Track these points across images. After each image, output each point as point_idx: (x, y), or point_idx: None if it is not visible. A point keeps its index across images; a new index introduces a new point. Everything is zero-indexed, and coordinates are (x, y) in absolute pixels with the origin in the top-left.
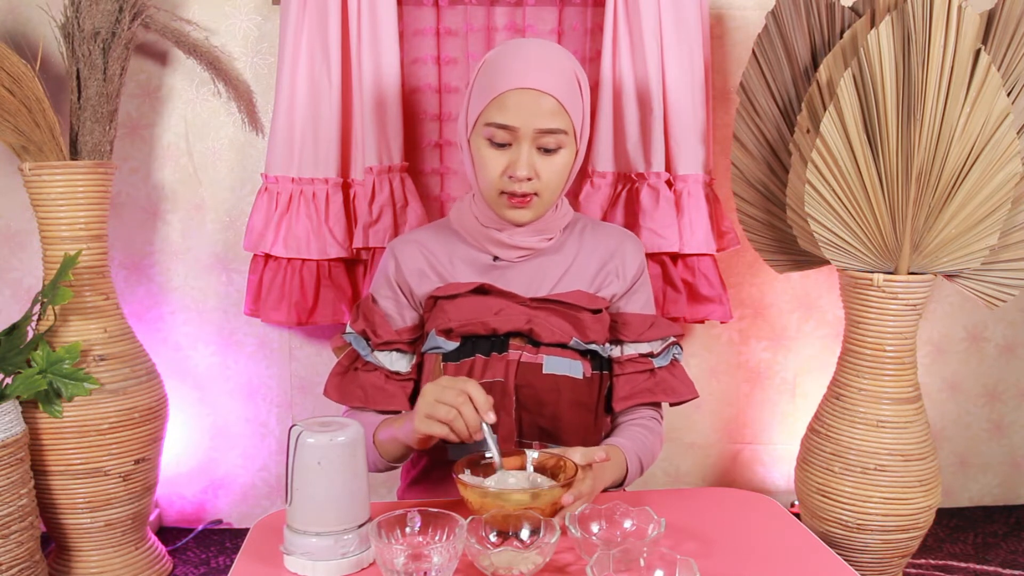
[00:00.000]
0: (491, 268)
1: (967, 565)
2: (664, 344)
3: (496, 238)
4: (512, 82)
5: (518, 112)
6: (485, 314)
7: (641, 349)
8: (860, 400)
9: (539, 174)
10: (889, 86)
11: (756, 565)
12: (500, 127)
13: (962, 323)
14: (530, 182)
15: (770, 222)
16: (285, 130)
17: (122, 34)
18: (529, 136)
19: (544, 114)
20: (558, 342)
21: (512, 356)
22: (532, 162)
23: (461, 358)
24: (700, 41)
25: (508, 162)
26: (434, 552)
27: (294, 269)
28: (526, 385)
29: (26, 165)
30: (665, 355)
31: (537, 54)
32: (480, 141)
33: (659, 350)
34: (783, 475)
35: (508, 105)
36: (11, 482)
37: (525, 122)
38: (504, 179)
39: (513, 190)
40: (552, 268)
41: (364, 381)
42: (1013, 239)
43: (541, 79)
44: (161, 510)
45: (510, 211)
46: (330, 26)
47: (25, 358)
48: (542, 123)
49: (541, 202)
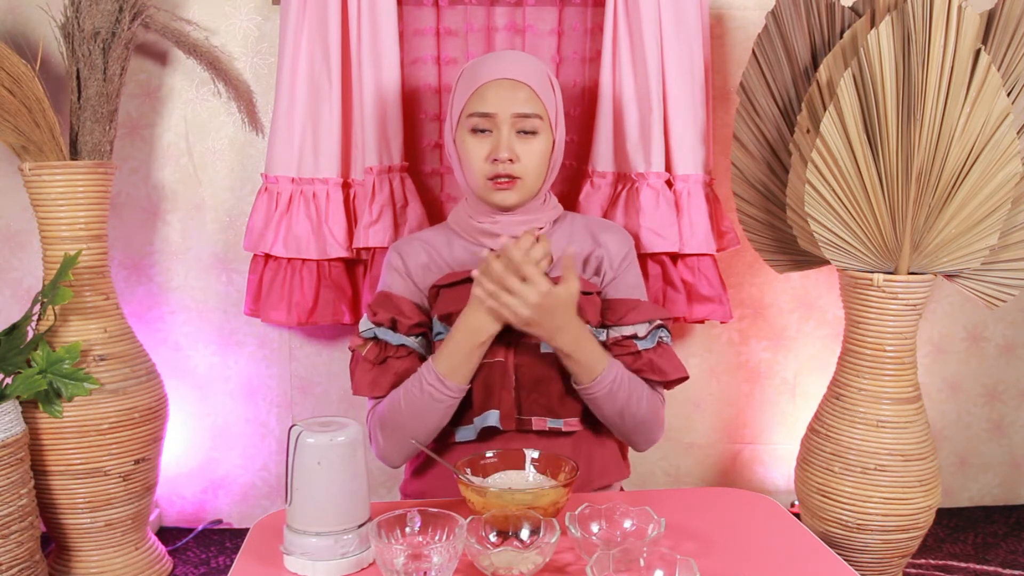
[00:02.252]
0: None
1: (967, 565)
2: (650, 327)
3: (488, 229)
4: (489, 75)
5: (496, 100)
6: None
7: (624, 331)
8: (860, 400)
9: (519, 157)
10: (889, 86)
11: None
12: (481, 115)
13: (962, 323)
14: (512, 164)
15: (770, 222)
16: (285, 130)
17: (122, 34)
18: (508, 120)
19: (520, 100)
20: None
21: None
22: (512, 145)
23: None
24: (700, 41)
25: (491, 147)
26: (434, 552)
27: (294, 269)
28: (525, 364)
29: (26, 165)
30: (651, 337)
31: (511, 54)
32: (464, 134)
33: (644, 333)
34: (783, 475)
35: (487, 95)
36: (11, 482)
37: (503, 108)
38: (488, 164)
39: (497, 172)
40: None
41: (400, 368)
42: (1013, 239)
43: (515, 71)
44: (161, 510)
45: (496, 194)
46: (330, 26)
47: (25, 358)
48: (519, 107)
49: (524, 185)
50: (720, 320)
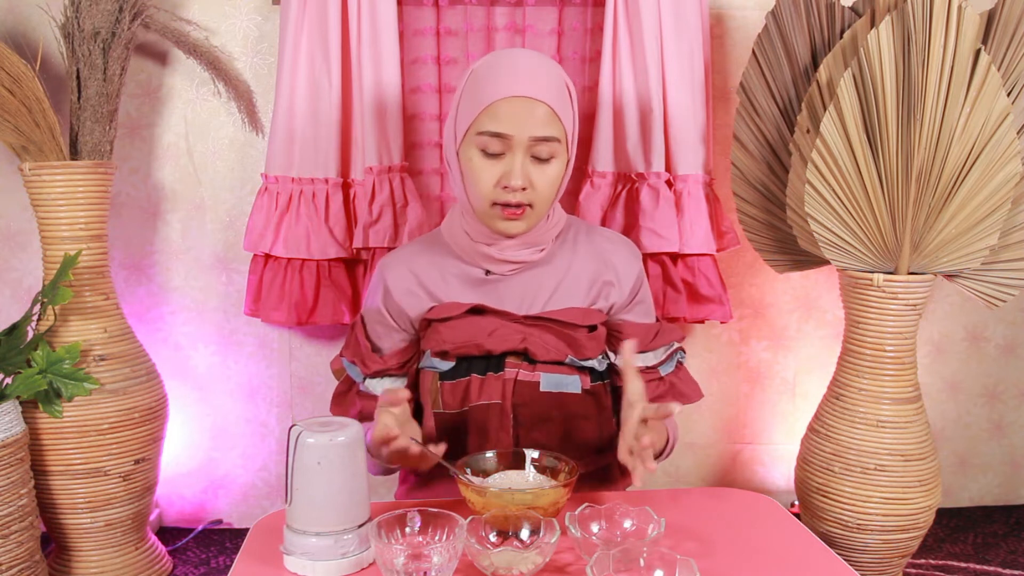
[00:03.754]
0: (483, 283)
1: (967, 565)
2: (668, 350)
3: (487, 253)
4: (504, 90)
5: (512, 120)
6: (479, 335)
7: (648, 361)
8: (860, 400)
9: (533, 184)
10: (889, 86)
11: (756, 565)
12: (494, 135)
13: (962, 323)
14: (524, 192)
15: (770, 222)
16: (285, 130)
17: (122, 34)
18: (523, 145)
19: (538, 122)
20: (553, 360)
21: (508, 375)
22: (526, 171)
23: (457, 377)
24: (700, 41)
25: (502, 172)
26: (434, 552)
27: (294, 269)
28: (524, 404)
29: (26, 165)
30: (670, 361)
31: (527, 63)
32: (471, 152)
33: (664, 357)
34: (783, 475)
35: (501, 114)
36: (11, 482)
37: (519, 130)
38: (497, 190)
39: (507, 200)
40: (545, 281)
41: (362, 407)
42: (1013, 239)
43: (533, 87)
44: (161, 510)
45: (503, 223)
46: (330, 26)
47: (25, 358)
48: (536, 131)
49: (534, 213)
50: (720, 320)
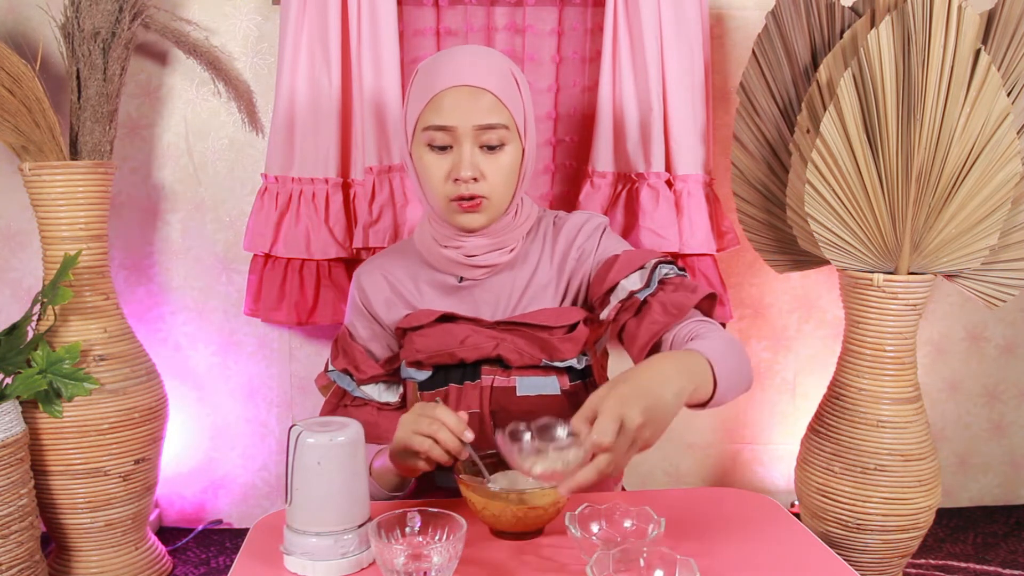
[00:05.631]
0: (457, 290)
1: (967, 565)
2: (645, 273)
3: (455, 259)
4: (445, 82)
5: (454, 110)
6: (451, 344)
7: (620, 296)
8: (860, 400)
9: (485, 174)
10: (889, 86)
11: (756, 565)
12: (438, 128)
13: (962, 323)
14: (476, 183)
15: (770, 222)
16: (285, 130)
17: (122, 34)
18: (469, 134)
19: (482, 110)
20: (527, 365)
21: (485, 382)
22: (475, 162)
23: (434, 387)
24: (700, 41)
25: (451, 165)
26: (434, 552)
27: (294, 269)
28: (501, 410)
29: (26, 165)
30: (652, 283)
31: (468, 54)
32: (421, 149)
33: (640, 283)
34: (783, 475)
35: (444, 105)
36: (11, 482)
37: (463, 120)
38: (450, 184)
39: (460, 193)
40: (518, 282)
41: (357, 416)
42: (1013, 239)
43: (474, 75)
44: (161, 510)
45: (461, 216)
46: (330, 26)
47: (25, 358)
48: (480, 119)
49: (491, 205)
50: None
